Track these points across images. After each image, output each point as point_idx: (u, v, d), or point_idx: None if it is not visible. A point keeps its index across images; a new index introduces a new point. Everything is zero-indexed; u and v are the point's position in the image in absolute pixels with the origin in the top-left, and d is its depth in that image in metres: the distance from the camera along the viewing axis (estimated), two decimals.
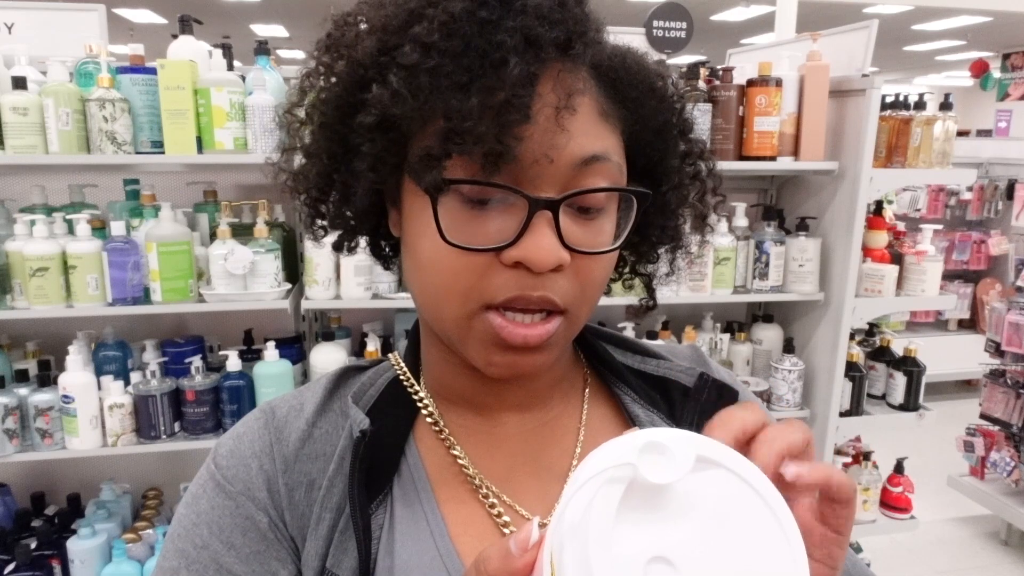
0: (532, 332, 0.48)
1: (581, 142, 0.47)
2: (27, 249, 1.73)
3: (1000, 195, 4.70)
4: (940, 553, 3.26)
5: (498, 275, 0.47)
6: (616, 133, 0.50)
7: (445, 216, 0.47)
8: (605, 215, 0.50)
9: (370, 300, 1.91)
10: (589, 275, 0.50)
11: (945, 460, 3.58)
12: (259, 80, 1.78)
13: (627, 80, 0.51)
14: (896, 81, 14.51)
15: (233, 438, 0.57)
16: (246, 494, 0.54)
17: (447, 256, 0.48)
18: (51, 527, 1.94)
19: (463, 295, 0.48)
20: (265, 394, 1.89)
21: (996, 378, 3.27)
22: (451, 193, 0.47)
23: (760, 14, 8.21)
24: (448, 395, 0.59)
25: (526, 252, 0.46)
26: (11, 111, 1.67)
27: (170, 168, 2.04)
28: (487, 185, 0.46)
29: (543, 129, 0.45)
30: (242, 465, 0.55)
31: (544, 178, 0.47)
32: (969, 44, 10.21)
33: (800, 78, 2.03)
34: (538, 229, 0.46)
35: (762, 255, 2.14)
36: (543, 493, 0.57)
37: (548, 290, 0.48)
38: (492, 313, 0.48)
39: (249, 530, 0.53)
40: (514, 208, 0.47)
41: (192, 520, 0.54)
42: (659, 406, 0.62)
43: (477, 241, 0.47)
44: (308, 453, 0.55)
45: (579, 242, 0.48)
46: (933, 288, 2.21)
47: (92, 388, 1.81)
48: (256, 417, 0.58)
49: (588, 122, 0.48)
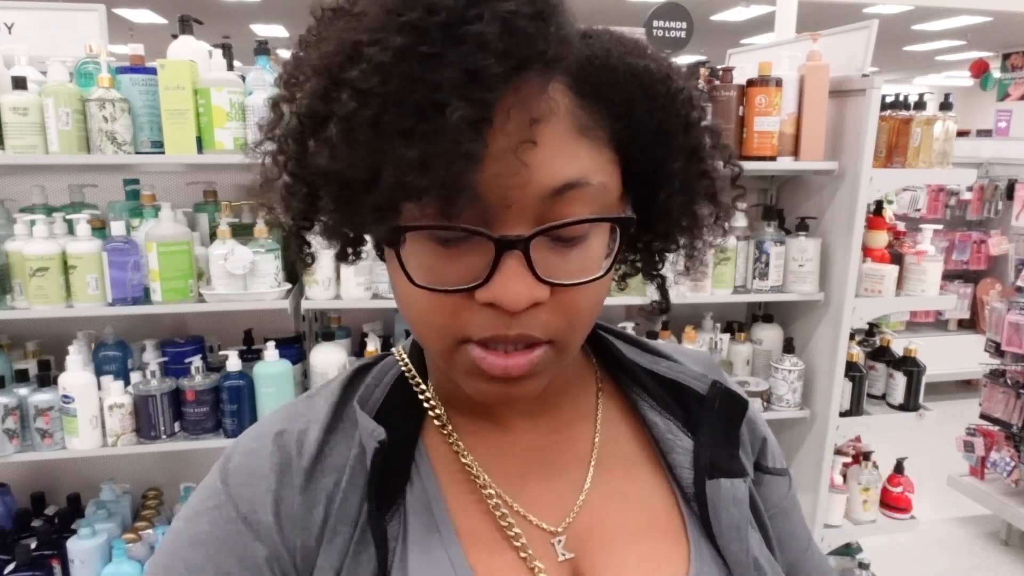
0: (512, 363, 0.46)
1: (550, 171, 0.43)
2: (27, 249, 1.73)
3: (1000, 195, 4.70)
4: (940, 553, 3.26)
5: (473, 313, 0.45)
6: (599, 147, 0.46)
7: (412, 257, 0.45)
8: (591, 239, 0.46)
9: (370, 300, 1.91)
10: (574, 305, 0.46)
11: (945, 460, 3.58)
12: (259, 80, 1.78)
13: (612, 84, 0.46)
14: (896, 81, 14.51)
15: (245, 453, 0.54)
16: (250, 518, 0.50)
17: (419, 295, 0.45)
18: (51, 527, 1.94)
19: (440, 331, 0.47)
20: (265, 394, 1.89)
21: (996, 378, 3.27)
22: (419, 236, 0.44)
23: (760, 14, 8.20)
24: (457, 401, 0.57)
25: (496, 294, 0.43)
26: (11, 111, 1.67)
27: (170, 168, 2.04)
28: (446, 229, 0.43)
29: (499, 170, 0.41)
30: (251, 484, 0.52)
31: (511, 214, 0.43)
32: (969, 44, 10.21)
33: (800, 78, 2.03)
34: (508, 269, 0.43)
35: (762, 255, 2.14)
36: (557, 502, 0.55)
37: (526, 327, 0.45)
38: (471, 345, 0.46)
39: (246, 559, 0.50)
40: (483, 246, 0.43)
41: (188, 538, 0.51)
42: (674, 412, 0.60)
43: (448, 281, 0.44)
44: (324, 467, 0.53)
45: (558, 274, 0.45)
46: (933, 288, 2.21)
47: (92, 388, 1.81)
48: (270, 430, 0.55)
49: (560, 144, 0.43)
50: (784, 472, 0.66)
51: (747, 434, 0.63)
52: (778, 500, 0.65)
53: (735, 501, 0.56)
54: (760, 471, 0.64)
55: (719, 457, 0.57)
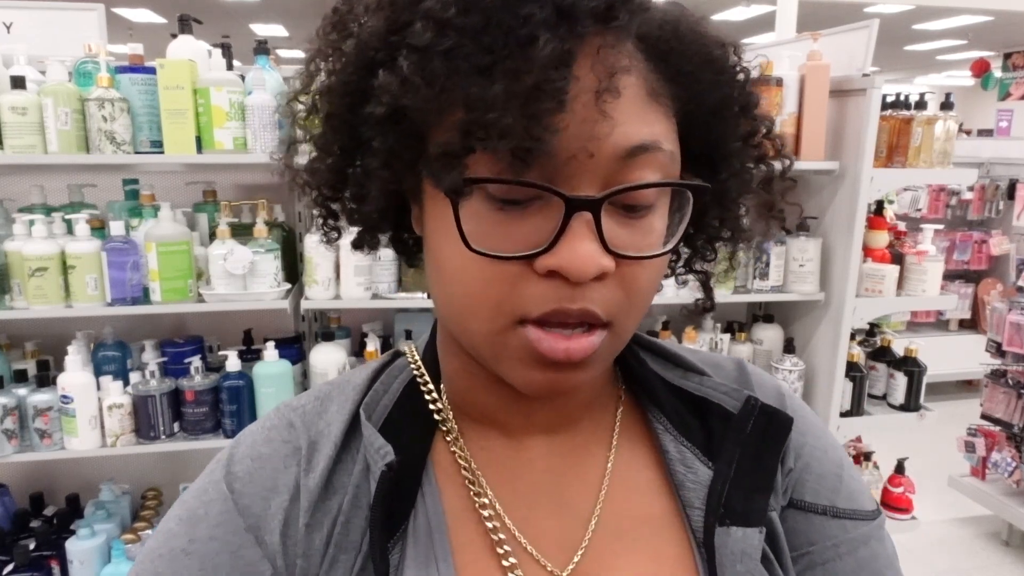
0: (575, 345, 0.42)
1: (626, 130, 0.40)
2: (26, 249, 1.72)
3: (1001, 195, 4.69)
4: (941, 554, 3.26)
5: (532, 286, 0.41)
6: (668, 115, 0.43)
7: (469, 220, 0.41)
8: (655, 212, 0.44)
9: (370, 300, 1.91)
10: (636, 283, 0.43)
11: (946, 460, 3.57)
12: (259, 80, 1.77)
13: (680, 52, 0.43)
14: (897, 81, 14.50)
15: (254, 458, 0.49)
16: (255, 532, 0.47)
17: (473, 265, 0.41)
18: (50, 528, 1.93)
19: (493, 308, 0.42)
20: (265, 394, 1.88)
21: (997, 378, 3.26)
22: (476, 193, 0.41)
23: (760, 14, 8.20)
24: (470, 411, 0.53)
25: (563, 260, 0.40)
26: (10, 111, 1.67)
27: (169, 168, 2.04)
28: (515, 184, 0.39)
29: (581, 118, 0.39)
30: (260, 496, 0.48)
31: (583, 174, 0.40)
32: (970, 43, 10.20)
33: (800, 78, 2.02)
34: (576, 233, 0.40)
35: (762, 255, 2.14)
36: (563, 538, 0.51)
37: (589, 302, 0.41)
38: (529, 327, 0.42)
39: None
40: (549, 209, 0.40)
41: (184, 544, 0.47)
42: (695, 435, 0.54)
43: (507, 248, 0.41)
44: (331, 488, 0.48)
45: (625, 245, 0.42)
46: (934, 288, 2.21)
47: (91, 388, 1.81)
48: (282, 436, 0.50)
49: (635, 105, 0.41)
50: (831, 511, 0.55)
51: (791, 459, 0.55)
52: (818, 542, 0.54)
53: (742, 555, 0.49)
54: (792, 506, 0.55)
55: (736, 496, 0.51)
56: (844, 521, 0.54)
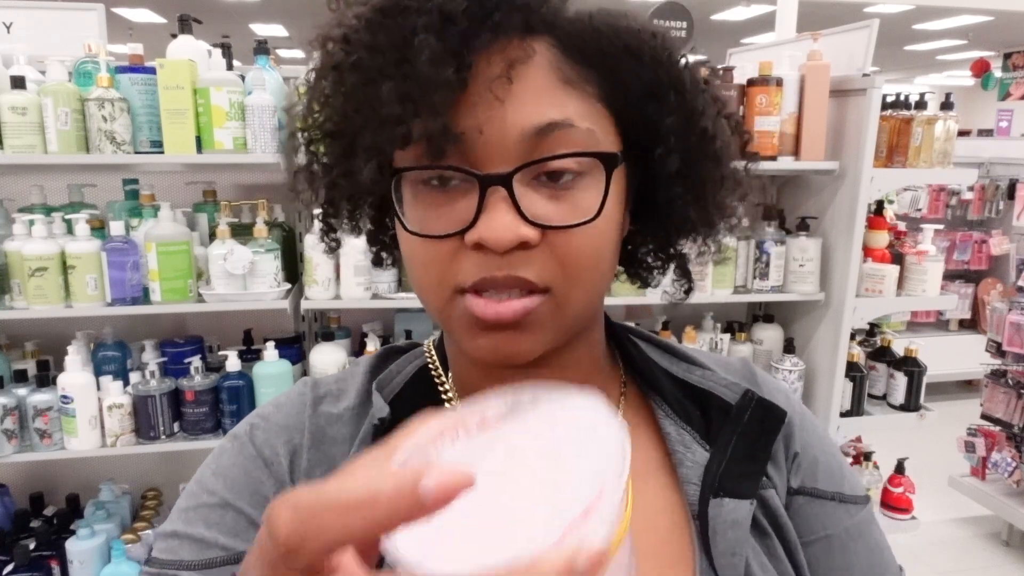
0: (504, 307, 0.46)
1: (530, 110, 0.45)
2: (26, 249, 1.72)
3: (1001, 195, 4.69)
4: (941, 554, 3.25)
5: (464, 259, 0.46)
6: (588, 100, 0.47)
7: (409, 207, 0.48)
8: (585, 186, 0.47)
9: (370, 300, 1.91)
10: (568, 250, 0.46)
11: (946, 460, 3.57)
12: (259, 80, 1.77)
13: (595, 44, 0.47)
14: (897, 81, 14.49)
15: (274, 405, 0.58)
16: (265, 458, 0.54)
17: (419, 247, 0.48)
18: (50, 528, 1.93)
19: (438, 283, 0.48)
20: (265, 394, 1.88)
21: (997, 378, 3.26)
22: (408, 183, 0.47)
23: (760, 14, 8.20)
24: (474, 392, 0.56)
25: (482, 232, 0.44)
26: (10, 111, 1.67)
27: (169, 168, 2.04)
28: (430, 168, 0.45)
29: (473, 103, 0.44)
30: (273, 431, 0.56)
31: (496, 154, 0.45)
32: (970, 43, 10.20)
33: (801, 78, 2.02)
34: (493, 207, 0.44)
35: (762, 255, 2.14)
36: None
37: (515, 269, 0.45)
38: (468, 296, 0.47)
39: (256, 494, 0.53)
40: (471, 189, 0.45)
41: (211, 470, 0.55)
42: (695, 422, 0.58)
43: (440, 227, 0.46)
44: (335, 436, 0.55)
45: (547, 216, 0.45)
46: (934, 288, 2.21)
47: (91, 388, 1.81)
48: (299, 392, 0.59)
49: (544, 89, 0.45)
50: (835, 497, 0.60)
51: (782, 449, 0.60)
52: (824, 527, 0.59)
53: (733, 524, 0.53)
54: (794, 492, 0.59)
55: (730, 474, 0.55)
56: (848, 506, 0.60)
